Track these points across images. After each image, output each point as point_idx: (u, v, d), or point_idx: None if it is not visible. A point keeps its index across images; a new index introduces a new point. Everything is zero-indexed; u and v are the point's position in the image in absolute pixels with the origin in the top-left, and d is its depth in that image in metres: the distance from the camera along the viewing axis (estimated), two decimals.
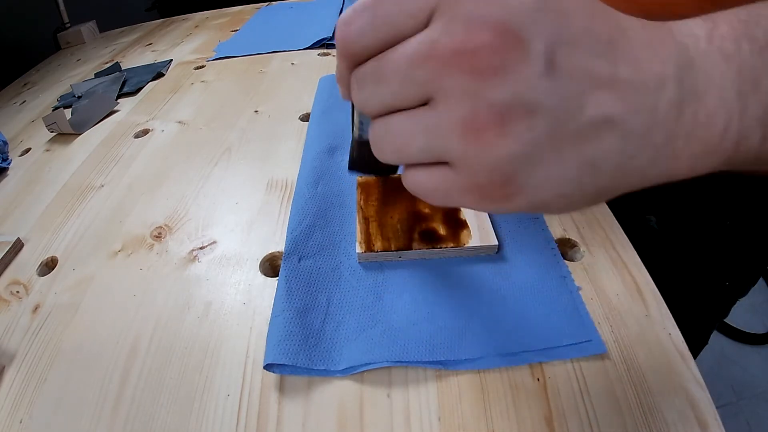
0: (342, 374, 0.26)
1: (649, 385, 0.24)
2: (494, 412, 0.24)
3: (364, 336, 0.27)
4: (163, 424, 0.24)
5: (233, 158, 0.46)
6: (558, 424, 0.23)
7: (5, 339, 0.30)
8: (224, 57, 0.72)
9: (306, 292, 0.29)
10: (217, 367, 0.27)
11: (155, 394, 0.26)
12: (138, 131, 0.53)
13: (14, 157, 0.53)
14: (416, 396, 0.25)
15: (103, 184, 0.45)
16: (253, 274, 0.33)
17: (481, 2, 0.13)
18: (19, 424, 0.25)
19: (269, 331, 0.27)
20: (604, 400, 0.24)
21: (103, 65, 0.77)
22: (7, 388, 0.27)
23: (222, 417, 0.24)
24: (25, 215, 0.42)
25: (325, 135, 0.45)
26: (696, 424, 0.22)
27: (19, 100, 0.71)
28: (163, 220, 0.39)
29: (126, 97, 0.63)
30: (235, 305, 0.31)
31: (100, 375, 0.27)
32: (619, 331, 0.27)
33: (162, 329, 0.29)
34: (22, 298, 0.33)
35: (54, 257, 0.36)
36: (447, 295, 0.29)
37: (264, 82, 0.62)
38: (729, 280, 0.46)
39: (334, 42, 0.73)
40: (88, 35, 0.96)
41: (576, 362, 0.25)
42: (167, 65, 0.72)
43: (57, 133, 0.55)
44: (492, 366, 0.25)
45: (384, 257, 0.31)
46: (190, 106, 0.58)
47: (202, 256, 0.35)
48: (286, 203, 0.39)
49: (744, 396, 1.05)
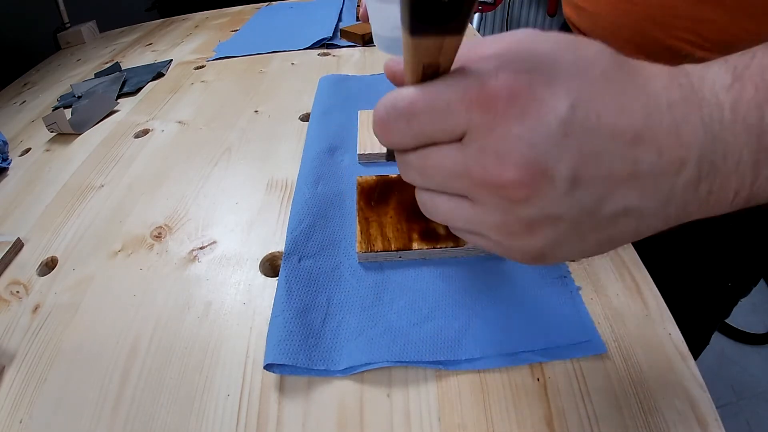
0: (342, 374, 0.26)
1: (649, 385, 0.24)
2: (494, 412, 0.24)
3: (364, 336, 0.27)
4: (163, 424, 0.24)
5: (233, 158, 0.46)
6: (558, 424, 0.23)
7: (5, 339, 0.30)
8: (224, 57, 0.72)
9: (306, 292, 0.29)
10: (217, 367, 0.27)
11: (155, 394, 0.26)
12: (138, 131, 0.53)
13: (14, 157, 0.53)
14: (416, 396, 0.25)
15: (103, 184, 0.45)
16: (253, 274, 0.33)
17: (510, 136, 0.14)
18: (19, 424, 0.25)
19: (269, 331, 0.27)
20: (604, 400, 0.24)
21: (103, 65, 0.77)
22: (7, 388, 0.27)
23: (222, 417, 0.24)
24: (25, 215, 0.42)
25: (325, 135, 0.45)
26: (696, 424, 0.22)
27: (19, 100, 0.71)
28: (163, 220, 0.39)
29: (126, 97, 0.63)
30: (235, 305, 0.31)
31: (100, 375, 0.27)
32: (619, 331, 0.27)
33: (162, 329, 0.29)
34: (22, 298, 0.33)
35: (54, 257, 0.36)
36: (447, 295, 0.29)
37: (264, 82, 0.62)
38: (731, 281, 0.46)
39: (334, 42, 0.73)
40: (88, 35, 0.96)
41: (576, 362, 0.25)
42: (167, 65, 0.72)
43: (57, 133, 0.55)
44: (492, 366, 0.25)
45: (384, 257, 0.31)
46: (190, 106, 0.58)
47: (202, 256, 0.35)
48: (286, 203, 0.39)
49: (744, 396, 1.05)
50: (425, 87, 0.16)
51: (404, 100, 0.16)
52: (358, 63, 0.65)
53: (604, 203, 0.15)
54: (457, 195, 0.17)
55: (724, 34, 0.34)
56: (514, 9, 1.97)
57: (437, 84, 0.15)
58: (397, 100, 0.16)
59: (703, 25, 0.34)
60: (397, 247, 0.31)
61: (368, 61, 0.65)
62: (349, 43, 0.73)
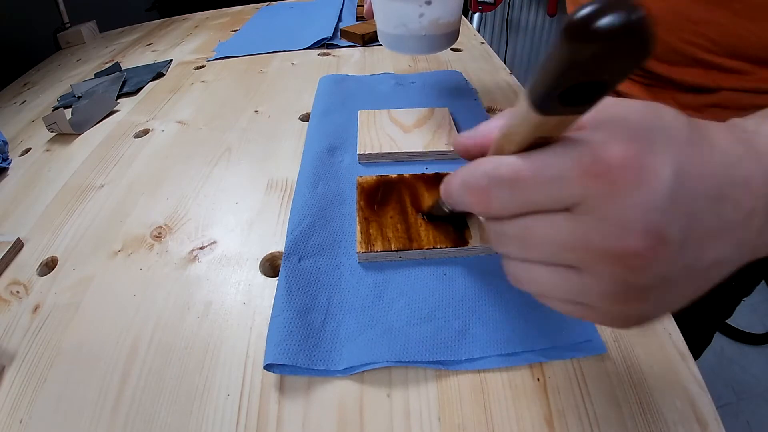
0: (342, 374, 0.26)
1: (649, 385, 0.24)
2: (494, 412, 0.24)
3: (364, 336, 0.27)
4: (163, 424, 0.24)
5: (233, 158, 0.46)
6: (558, 424, 0.23)
7: (5, 339, 0.30)
8: (224, 57, 0.72)
9: (306, 292, 0.29)
10: (217, 367, 0.27)
11: (155, 394, 0.26)
12: (138, 131, 0.53)
13: (14, 157, 0.53)
14: (416, 396, 0.25)
15: (103, 184, 0.45)
16: (253, 274, 0.33)
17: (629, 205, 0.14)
18: (19, 424, 0.25)
19: (269, 331, 0.27)
20: (604, 400, 0.24)
21: (103, 65, 0.77)
22: (7, 388, 0.27)
23: (222, 417, 0.24)
24: (25, 215, 0.42)
25: (325, 135, 0.45)
26: (696, 424, 0.22)
27: (19, 100, 0.71)
28: (163, 220, 0.39)
29: (126, 97, 0.63)
30: (235, 305, 0.31)
31: (100, 375, 0.27)
32: (619, 331, 0.27)
33: (162, 329, 0.29)
34: (22, 298, 0.33)
35: (54, 257, 0.36)
36: (447, 295, 0.29)
37: (264, 82, 0.62)
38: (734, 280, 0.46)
39: (334, 42, 0.73)
40: (88, 35, 0.96)
41: (576, 362, 0.25)
42: (167, 65, 0.72)
43: (57, 133, 0.55)
44: (492, 366, 0.25)
45: (384, 257, 0.31)
46: (190, 106, 0.58)
47: (202, 256, 0.35)
48: (286, 203, 0.39)
49: (744, 396, 1.05)
50: (532, 156, 0.16)
51: (510, 167, 0.16)
52: (358, 63, 0.65)
53: (701, 259, 0.15)
54: (562, 266, 0.16)
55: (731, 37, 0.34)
56: (514, 9, 1.97)
57: (545, 153, 0.15)
58: (499, 168, 0.16)
59: (712, 28, 0.34)
60: (397, 247, 0.31)
61: (368, 61, 0.65)
62: (349, 43, 0.73)
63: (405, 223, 0.33)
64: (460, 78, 0.57)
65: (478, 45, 0.70)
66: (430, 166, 0.41)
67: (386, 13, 0.42)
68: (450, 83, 0.56)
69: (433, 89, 0.55)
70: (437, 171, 0.39)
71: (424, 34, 0.41)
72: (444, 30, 0.42)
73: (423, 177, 0.37)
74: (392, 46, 0.44)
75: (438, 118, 0.46)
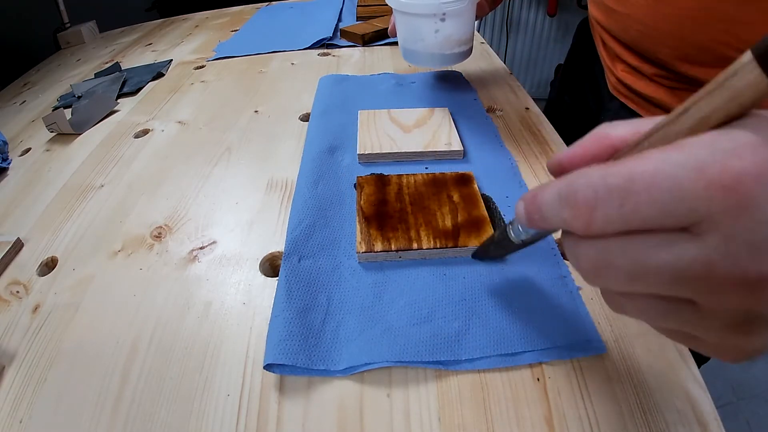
0: (342, 374, 0.26)
1: (649, 385, 0.24)
2: (494, 412, 0.24)
3: (364, 336, 0.27)
4: (163, 424, 0.24)
5: (233, 158, 0.46)
6: (558, 424, 0.23)
7: (5, 339, 0.30)
8: (224, 57, 0.72)
9: (306, 292, 0.29)
10: (217, 367, 0.27)
11: (155, 394, 0.26)
12: (138, 131, 0.53)
13: (14, 157, 0.53)
14: (416, 396, 0.25)
15: (103, 184, 0.45)
16: (253, 274, 0.33)
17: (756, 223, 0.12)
18: (19, 424, 0.25)
19: (269, 331, 0.27)
20: (604, 400, 0.24)
21: (103, 65, 0.77)
22: (7, 388, 0.27)
23: (222, 417, 0.24)
24: (25, 215, 0.42)
25: (325, 135, 0.45)
26: (696, 424, 0.22)
27: (19, 100, 0.71)
28: (163, 220, 0.39)
29: (126, 97, 0.63)
30: (235, 305, 0.31)
31: (100, 375, 0.27)
32: (619, 331, 0.27)
33: (162, 329, 0.29)
34: (22, 298, 0.33)
35: (54, 257, 0.36)
36: (447, 295, 0.29)
37: (264, 82, 0.62)
38: None
39: (334, 42, 0.73)
40: (88, 35, 0.96)
41: (576, 362, 0.25)
42: (167, 65, 0.72)
43: (57, 133, 0.55)
44: (492, 366, 0.25)
45: (384, 257, 0.31)
46: (190, 106, 0.58)
47: (202, 256, 0.35)
48: (286, 203, 0.39)
49: (744, 396, 1.05)
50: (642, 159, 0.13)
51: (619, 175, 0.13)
52: (358, 63, 0.65)
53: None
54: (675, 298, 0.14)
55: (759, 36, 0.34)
56: (514, 9, 1.97)
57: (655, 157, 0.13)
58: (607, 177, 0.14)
59: (741, 27, 0.34)
60: (397, 247, 0.31)
61: (368, 61, 0.65)
62: (349, 43, 0.73)
63: (405, 223, 0.33)
64: (460, 78, 0.57)
65: (478, 45, 0.70)
66: (430, 166, 0.41)
67: (407, 30, 0.47)
68: (450, 83, 0.56)
69: (433, 89, 0.55)
70: (437, 171, 0.39)
71: (438, 51, 0.46)
72: (457, 47, 0.47)
73: (423, 177, 0.38)
74: (412, 60, 0.49)
75: (438, 118, 0.46)
